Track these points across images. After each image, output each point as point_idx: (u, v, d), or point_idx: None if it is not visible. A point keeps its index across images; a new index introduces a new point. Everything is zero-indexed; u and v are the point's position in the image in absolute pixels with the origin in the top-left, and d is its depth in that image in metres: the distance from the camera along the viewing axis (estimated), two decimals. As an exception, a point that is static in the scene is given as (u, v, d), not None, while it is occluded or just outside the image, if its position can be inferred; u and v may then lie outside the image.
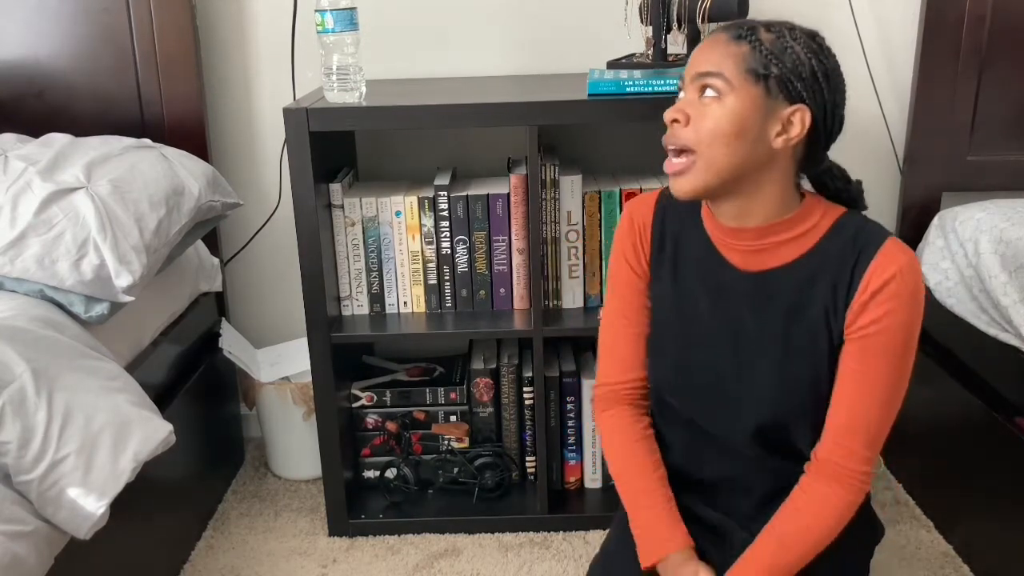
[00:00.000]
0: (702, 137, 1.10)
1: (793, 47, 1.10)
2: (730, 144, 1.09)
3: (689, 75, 1.12)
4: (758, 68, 1.08)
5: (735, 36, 1.10)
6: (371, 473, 2.02)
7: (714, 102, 1.09)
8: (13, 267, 1.46)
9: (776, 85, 1.09)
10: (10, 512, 1.21)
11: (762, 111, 1.09)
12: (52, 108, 2.00)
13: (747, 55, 1.09)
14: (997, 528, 1.69)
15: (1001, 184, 2.01)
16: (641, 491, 1.27)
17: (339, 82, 1.70)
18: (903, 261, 1.11)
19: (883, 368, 1.13)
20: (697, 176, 1.11)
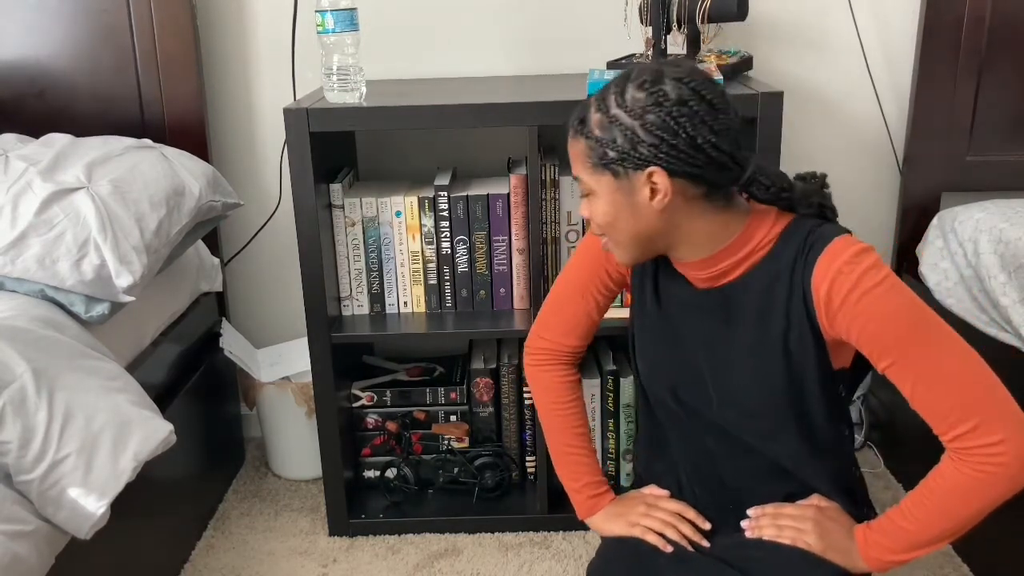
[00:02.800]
0: (601, 227, 1.16)
1: (619, 117, 1.07)
2: (619, 225, 1.14)
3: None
4: (597, 161, 1.10)
5: (573, 133, 1.13)
6: (371, 473, 2.02)
7: (589, 200, 1.15)
8: (14, 267, 1.46)
9: (619, 166, 1.09)
10: (11, 512, 1.21)
11: (623, 191, 1.11)
12: (52, 108, 2.00)
13: (585, 151, 1.12)
14: (997, 528, 1.68)
15: (1000, 184, 2.01)
16: (570, 453, 1.39)
17: (339, 82, 1.70)
18: (839, 262, 1.08)
19: (903, 351, 1.09)
20: (618, 251, 1.18)
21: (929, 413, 1.10)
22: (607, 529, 1.34)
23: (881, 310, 1.08)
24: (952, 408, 1.09)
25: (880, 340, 1.09)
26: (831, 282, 1.08)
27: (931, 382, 1.09)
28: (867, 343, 1.10)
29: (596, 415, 1.94)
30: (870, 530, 1.19)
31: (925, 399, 1.10)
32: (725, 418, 1.22)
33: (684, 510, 1.29)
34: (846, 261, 1.08)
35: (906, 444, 2.04)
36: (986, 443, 1.08)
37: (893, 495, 2.01)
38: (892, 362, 1.09)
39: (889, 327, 1.08)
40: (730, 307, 1.18)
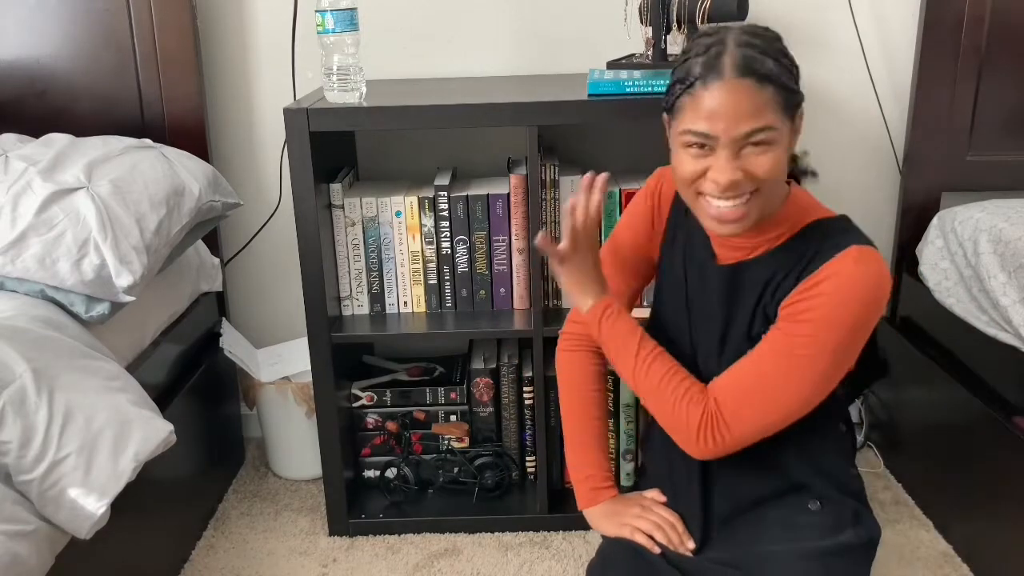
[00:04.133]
0: (768, 177, 1.09)
1: (786, 63, 1.10)
2: (783, 177, 1.13)
3: (727, 137, 1.07)
4: (787, 103, 1.09)
5: (758, 80, 1.06)
6: (371, 473, 2.02)
7: (766, 150, 1.08)
8: (14, 267, 1.46)
9: (795, 108, 1.11)
10: (11, 512, 1.21)
11: (791, 138, 1.12)
12: (52, 108, 2.00)
13: (775, 96, 1.07)
14: (997, 528, 1.69)
15: (1000, 184, 2.01)
16: (583, 441, 1.39)
17: (339, 82, 1.70)
18: (850, 268, 1.10)
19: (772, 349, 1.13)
20: (754, 214, 1.12)
21: (739, 372, 1.16)
22: (599, 526, 1.34)
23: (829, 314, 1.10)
24: (742, 397, 1.15)
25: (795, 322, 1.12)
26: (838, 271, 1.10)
27: (761, 376, 1.14)
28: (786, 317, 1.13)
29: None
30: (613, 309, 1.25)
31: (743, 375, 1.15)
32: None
33: (677, 522, 1.29)
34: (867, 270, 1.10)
35: (906, 444, 2.04)
36: (723, 424, 1.16)
37: (893, 495, 2.02)
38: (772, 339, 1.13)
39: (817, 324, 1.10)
40: (735, 286, 1.20)
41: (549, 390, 1.89)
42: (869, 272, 1.10)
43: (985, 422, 1.68)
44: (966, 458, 1.77)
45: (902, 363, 2.01)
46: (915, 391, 1.96)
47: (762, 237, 1.18)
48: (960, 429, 1.79)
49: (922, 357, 1.90)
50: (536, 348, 1.81)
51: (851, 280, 1.09)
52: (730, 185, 1.08)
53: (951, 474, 1.84)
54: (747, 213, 1.11)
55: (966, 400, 1.74)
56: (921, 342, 1.95)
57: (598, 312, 1.24)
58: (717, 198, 1.11)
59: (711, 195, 1.11)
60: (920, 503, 1.97)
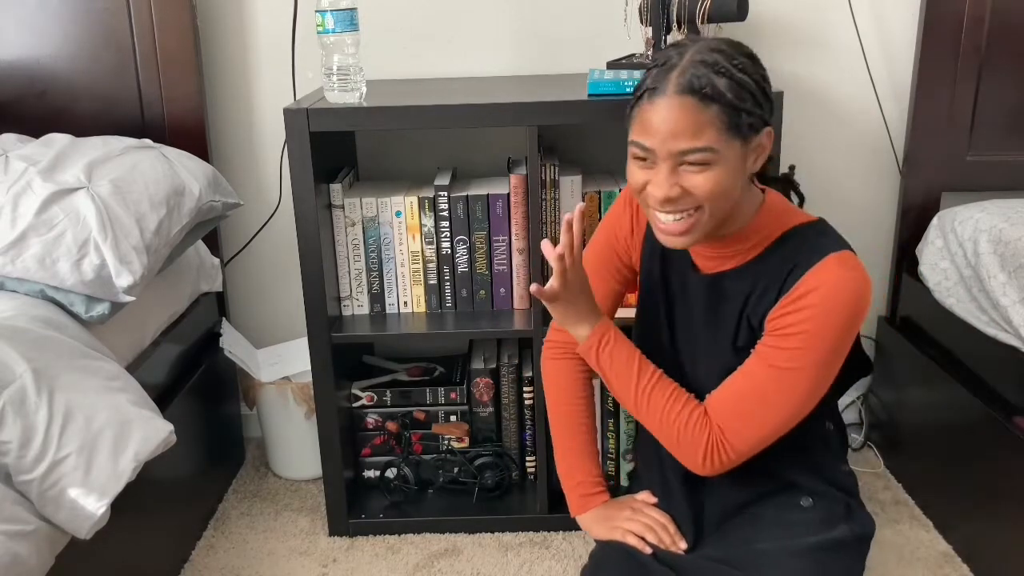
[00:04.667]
0: (708, 197, 1.09)
1: (745, 81, 1.07)
2: (730, 196, 1.11)
3: (663, 151, 1.07)
4: (738, 121, 1.07)
5: (703, 97, 1.05)
6: (371, 473, 2.02)
7: (705, 170, 1.08)
8: (14, 267, 1.46)
9: (747, 126, 1.08)
10: (11, 512, 1.21)
11: (743, 155, 1.10)
12: (53, 108, 2.00)
13: (718, 117, 1.06)
14: (997, 528, 1.69)
15: (1000, 184, 2.01)
16: (573, 448, 1.40)
17: (339, 82, 1.70)
18: (833, 277, 1.11)
19: (771, 364, 1.14)
20: (699, 232, 1.13)
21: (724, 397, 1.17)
22: (593, 531, 1.35)
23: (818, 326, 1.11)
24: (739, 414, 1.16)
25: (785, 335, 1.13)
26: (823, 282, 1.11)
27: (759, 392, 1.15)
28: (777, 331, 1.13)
29: (596, 415, 1.94)
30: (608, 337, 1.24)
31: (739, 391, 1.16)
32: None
33: (669, 523, 1.30)
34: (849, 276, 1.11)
35: (906, 444, 2.04)
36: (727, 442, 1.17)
37: (893, 495, 2.02)
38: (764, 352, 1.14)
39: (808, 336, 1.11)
40: (716, 296, 1.21)
41: (549, 390, 1.90)
42: (850, 279, 1.11)
43: (985, 422, 1.68)
44: (966, 458, 1.77)
45: (902, 363, 2.01)
46: (915, 391, 1.96)
47: (737, 247, 1.18)
48: (960, 429, 1.79)
49: (922, 357, 1.90)
50: (536, 348, 1.81)
51: (835, 290, 1.10)
52: (665, 200, 1.10)
53: (951, 474, 1.84)
54: (690, 228, 1.12)
55: (966, 400, 1.74)
56: (921, 342, 1.95)
57: (594, 343, 1.24)
58: (658, 211, 1.12)
59: (653, 208, 1.13)
60: (920, 503, 1.97)
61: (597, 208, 1.84)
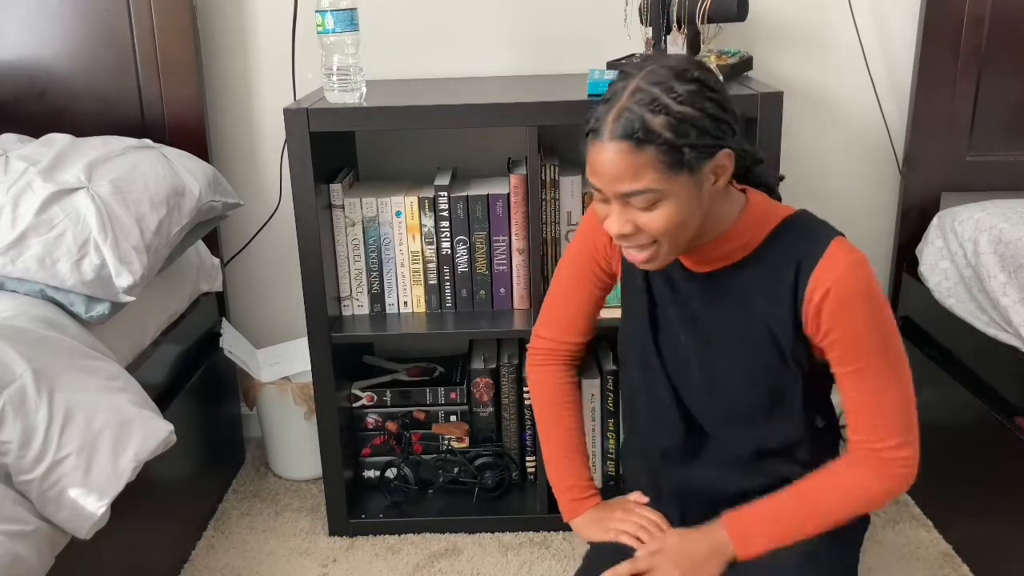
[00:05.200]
0: (660, 233, 1.10)
1: (686, 114, 1.05)
2: (688, 223, 1.10)
3: (610, 192, 1.08)
4: (674, 161, 1.05)
5: (637, 141, 1.04)
6: (371, 473, 2.02)
7: (653, 207, 1.08)
8: (14, 267, 1.46)
9: (693, 158, 1.06)
10: (11, 512, 1.21)
11: (695, 185, 1.08)
12: (53, 108, 2.00)
13: (656, 157, 1.05)
14: (997, 528, 1.69)
15: (1001, 184, 2.01)
16: (562, 453, 1.38)
17: (339, 82, 1.70)
18: (841, 268, 1.12)
19: (868, 363, 1.15)
20: (664, 258, 1.14)
21: (863, 420, 1.17)
22: (586, 533, 1.35)
23: (865, 322, 1.13)
24: (888, 423, 1.17)
25: (854, 347, 1.14)
26: (831, 285, 1.12)
27: (880, 396, 1.16)
28: (840, 347, 1.15)
29: (596, 415, 1.94)
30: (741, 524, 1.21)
31: (868, 409, 1.17)
32: (707, 402, 1.25)
33: (662, 521, 1.29)
34: (848, 266, 1.12)
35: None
36: (902, 456, 1.17)
37: (893, 495, 2.02)
38: (855, 369, 1.15)
39: (865, 338, 1.14)
40: (719, 291, 1.21)
41: (549, 390, 1.90)
42: (859, 260, 1.14)
43: (985, 422, 1.68)
44: (966, 458, 1.77)
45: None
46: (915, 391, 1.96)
47: (724, 248, 1.18)
48: (960, 429, 1.79)
49: (922, 357, 1.90)
50: (536, 348, 1.81)
51: (852, 282, 1.12)
52: (619, 236, 1.11)
53: (951, 474, 1.84)
54: (652, 257, 1.13)
55: (966, 400, 1.74)
56: (921, 342, 1.95)
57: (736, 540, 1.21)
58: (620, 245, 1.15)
59: (618, 242, 1.15)
60: (920, 503, 1.97)
61: (597, 208, 1.84)
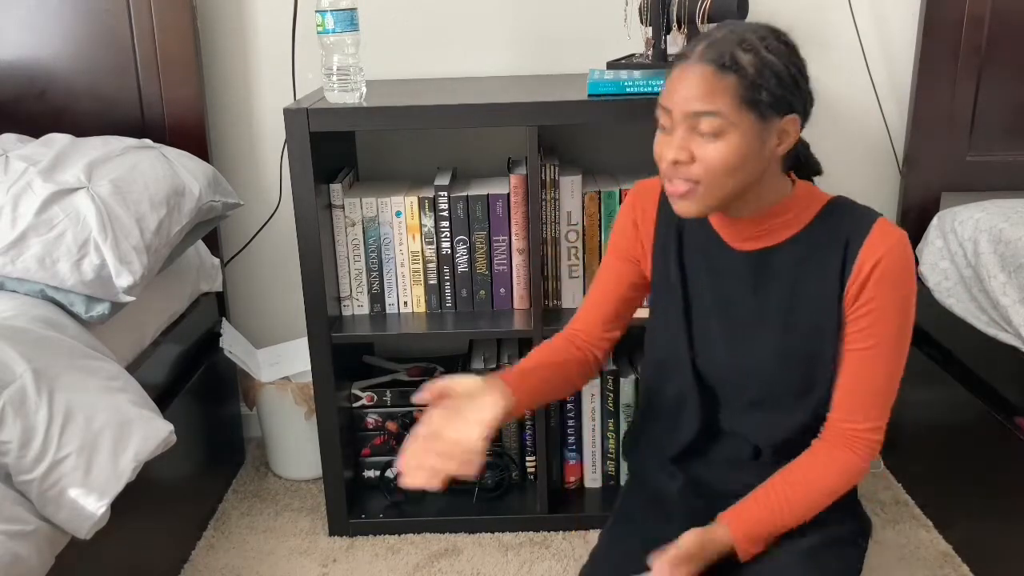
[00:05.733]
0: (709, 171, 1.11)
1: (771, 61, 1.10)
2: (737, 172, 1.12)
3: (678, 112, 1.11)
4: (750, 97, 1.09)
5: (719, 68, 1.09)
6: (371, 473, 2.02)
7: (714, 139, 1.10)
8: (14, 267, 1.46)
9: (767, 106, 1.10)
10: (11, 512, 1.21)
11: (760, 134, 1.11)
12: (53, 108, 2.00)
13: (736, 86, 1.09)
14: (997, 528, 1.69)
15: (1001, 184, 2.01)
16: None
17: (339, 82, 1.70)
18: (892, 240, 1.16)
19: (883, 343, 1.18)
20: (702, 200, 1.14)
21: (850, 401, 1.20)
22: None
23: (901, 299, 1.16)
24: (871, 406, 1.20)
25: (880, 324, 1.17)
26: (882, 255, 1.15)
27: (874, 380, 1.19)
28: (867, 320, 1.17)
29: (596, 415, 1.94)
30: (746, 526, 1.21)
31: (860, 390, 1.20)
32: (736, 386, 1.25)
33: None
34: (898, 241, 1.16)
35: (906, 444, 2.04)
36: (874, 438, 1.21)
37: (893, 495, 2.02)
38: (868, 347, 1.18)
39: (892, 318, 1.17)
40: (763, 272, 1.22)
41: (549, 390, 1.90)
42: (902, 238, 1.17)
43: (985, 422, 1.68)
44: (966, 458, 1.77)
45: (902, 363, 2.01)
46: (915, 391, 1.96)
47: (774, 221, 1.20)
48: (960, 429, 1.79)
49: (922, 357, 1.90)
50: (536, 348, 1.81)
51: (897, 255, 1.15)
52: (672, 162, 1.12)
53: (951, 474, 1.84)
54: (691, 193, 1.13)
55: (966, 400, 1.74)
56: (921, 342, 1.95)
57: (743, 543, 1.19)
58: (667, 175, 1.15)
59: (666, 175, 1.15)
60: (920, 503, 1.97)
61: (597, 208, 1.84)
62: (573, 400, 1.93)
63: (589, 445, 1.97)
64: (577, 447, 1.97)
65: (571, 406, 1.93)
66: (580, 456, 1.98)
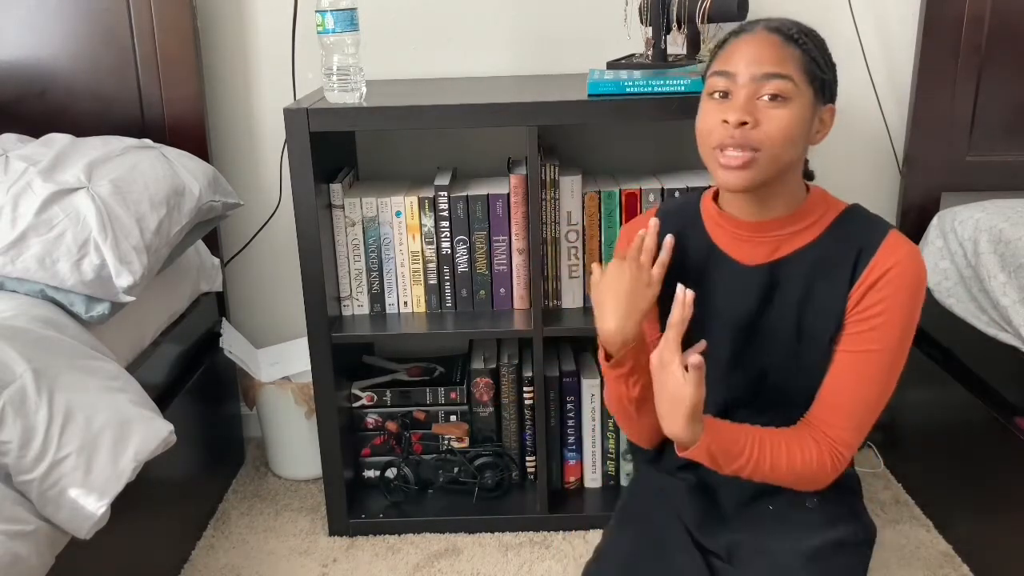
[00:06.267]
0: (772, 138, 1.11)
1: (821, 47, 1.15)
2: (795, 145, 1.13)
3: (745, 75, 1.12)
4: (812, 71, 1.12)
5: (788, 38, 1.12)
6: (371, 473, 2.02)
7: (780, 105, 1.11)
8: (14, 267, 1.46)
9: (822, 86, 1.14)
10: (11, 512, 1.21)
11: (813, 113, 1.14)
12: (53, 108, 2.00)
13: (803, 59, 1.12)
14: (997, 528, 1.69)
15: (1000, 184, 2.01)
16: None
17: (339, 82, 1.70)
18: (903, 252, 1.15)
19: (876, 354, 1.16)
20: (759, 171, 1.13)
21: (833, 402, 1.18)
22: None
23: (903, 310, 1.15)
24: (851, 414, 1.18)
25: (879, 331, 1.15)
26: (891, 266, 1.14)
27: (861, 388, 1.17)
28: (867, 324, 1.15)
29: (596, 415, 1.94)
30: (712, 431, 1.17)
31: (844, 394, 1.18)
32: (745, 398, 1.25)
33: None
34: (908, 253, 1.15)
35: (906, 444, 2.04)
36: (846, 453, 1.18)
37: (893, 495, 2.02)
38: (863, 351, 1.16)
39: (893, 327, 1.15)
40: (773, 285, 1.21)
41: (549, 390, 1.90)
42: (915, 252, 1.17)
43: (985, 422, 1.68)
44: (966, 458, 1.77)
45: (902, 363, 2.01)
46: (915, 391, 1.96)
47: (794, 228, 1.19)
48: (960, 429, 1.79)
49: (922, 357, 1.90)
50: (536, 348, 1.81)
51: (908, 266, 1.15)
52: (737, 124, 1.10)
53: (951, 474, 1.84)
54: (750, 162, 1.11)
55: (966, 400, 1.74)
56: (921, 342, 1.95)
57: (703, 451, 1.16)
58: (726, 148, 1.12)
59: (724, 143, 1.12)
60: (920, 503, 1.97)
61: (597, 208, 1.84)
62: (573, 400, 1.93)
63: (589, 445, 1.97)
64: (577, 447, 1.97)
65: (571, 406, 1.93)
66: (580, 456, 1.98)
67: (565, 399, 1.93)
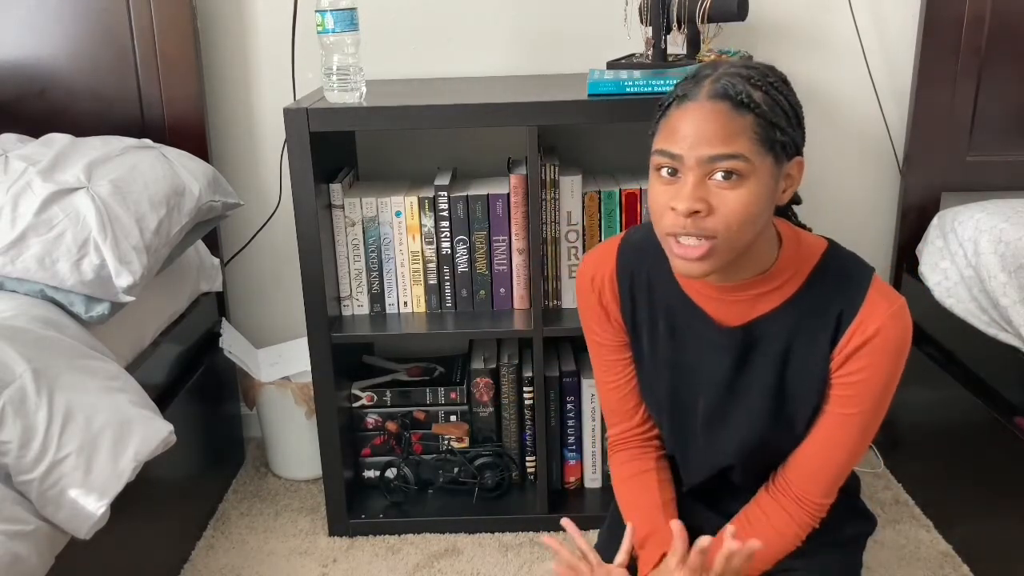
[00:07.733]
0: (729, 224, 1.00)
1: (779, 99, 1.02)
2: (755, 223, 1.02)
3: (691, 157, 0.99)
4: (768, 137, 1.00)
5: (735, 105, 0.99)
6: (371, 473, 2.02)
7: (735, 185, 0.99)
8: (14, 267, 1.46)
9: (781, 148, 1.02)
10: (11, 512, 1.21)
11: (775, 178, 1.03)
12: (52, 108, 2.00)
13: (754, 126, 0.99)
14: (997, 528, 1.69)
15: (1001, 184, 2.01)
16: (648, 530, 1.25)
17: (339, 82, 1.70)
18: (886, 316, 1.07)
19: (857, 417, 1.12)
20: (719, 258, 1.03)
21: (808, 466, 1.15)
22: None
23: (884, 377, 1.10)
24: (826, 478, 1.15)
25: (859, 397, 1.11)
26: (871, 335, 1.07)
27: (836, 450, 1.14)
28: (853, 390, 1.11)
29: (596, 415, 1.94)
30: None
31: (819, 457, 1.15)
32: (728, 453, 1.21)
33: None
34: (890, 318, 1.07)
35: (906, 444, 2.04)
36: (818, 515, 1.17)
37: (893, 495, 2.02)
38: (842, 414, 1.12)
39: (874, 393, 1.11)
40: (750, 346, 1.14)
41: (549, 390, 1.90)
42: (903, 315, 1.09)
43: (986, 422, 1.68)
44: (966, 458, 1.77)
45: (902, 363, 2.01)
46: (915, 391, 1.96)
47: (764, 289, 1.11)
48: (960, 429, 1.79)
49: (922, 357, 1.90)
50: (536, 348, 1.81)
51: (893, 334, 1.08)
52: (688, 213, 0.99)
53: (951, 474, 1.84)
54: (709, 253, 1.02)
55: (966, 400, 1.74)
56: (921, 342, 1.95)
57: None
58: (678, 233, 1.02)
59: (672, 229, 1.02)
60: (920, 503, 1.97)
61: (597, 208, 1.84)
62: (573, 400, 1.93)
63: (589, 445, 1.97)
64: (577, 447, 1.97)
65: (571, 406, 1.93)
66: (580, 456, 1.98)
67: (565, 399, 1.93)
